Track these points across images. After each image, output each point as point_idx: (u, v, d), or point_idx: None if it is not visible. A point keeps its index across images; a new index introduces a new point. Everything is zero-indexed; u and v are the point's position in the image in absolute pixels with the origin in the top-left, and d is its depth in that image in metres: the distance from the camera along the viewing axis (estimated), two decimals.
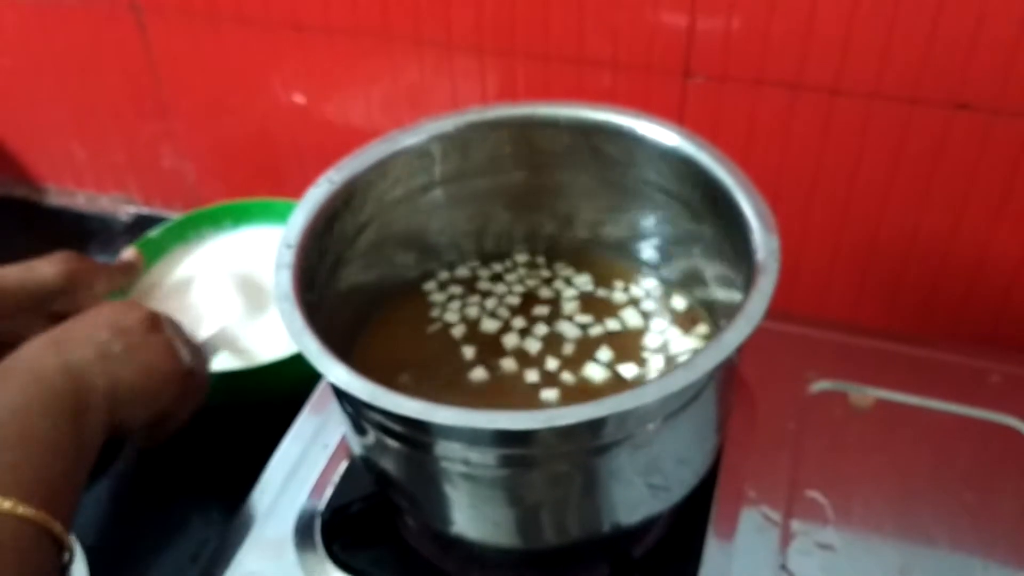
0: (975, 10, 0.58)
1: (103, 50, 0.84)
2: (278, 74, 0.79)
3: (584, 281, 0.63)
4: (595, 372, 0.56)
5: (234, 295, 0.73)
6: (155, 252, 0.77)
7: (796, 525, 0.55)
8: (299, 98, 0.80)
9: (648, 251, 0.62)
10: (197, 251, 0.80)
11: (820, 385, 0.62)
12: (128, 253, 0.74)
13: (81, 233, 0.95)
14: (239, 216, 0.81)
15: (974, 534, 0.55)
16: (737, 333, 0.42)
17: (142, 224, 0.92)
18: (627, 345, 0.58)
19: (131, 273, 0.74)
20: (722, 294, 0.54)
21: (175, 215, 0.93)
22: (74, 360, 0.51)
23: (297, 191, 0.54)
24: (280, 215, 0.80)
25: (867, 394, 0.62)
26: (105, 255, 0.81)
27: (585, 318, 0.60)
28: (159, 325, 0.58)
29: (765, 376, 0.63)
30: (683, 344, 0.57)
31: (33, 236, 1.00)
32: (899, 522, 0.55)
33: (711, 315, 0.58)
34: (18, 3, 0.83)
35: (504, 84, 0.72)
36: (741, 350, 0.43)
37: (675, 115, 0.69)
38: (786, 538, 0.55)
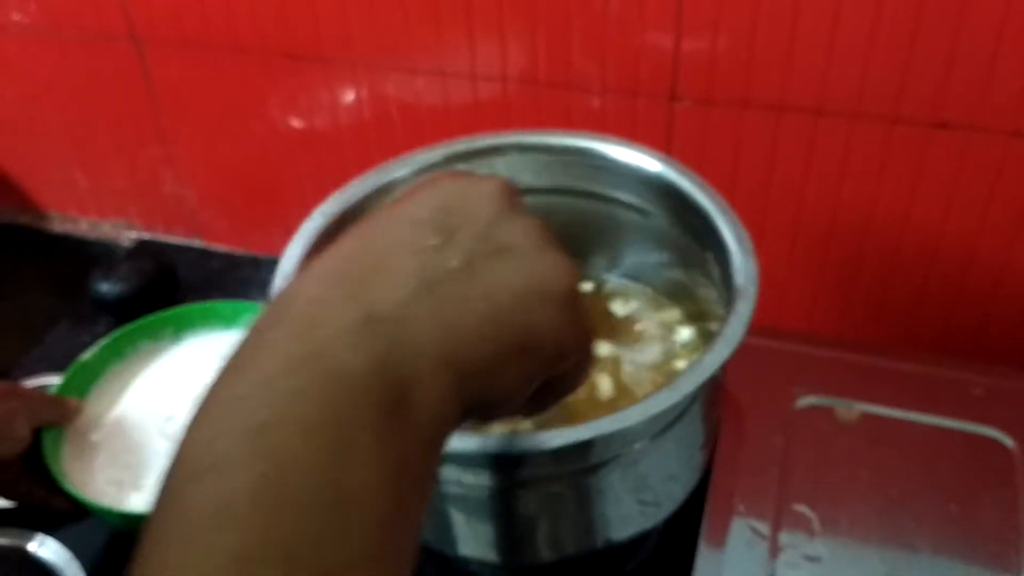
0: (952, 31, 0.60)
1: (104, 80, 0.86)
2: (275, 101, 0.81)
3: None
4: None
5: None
6: (91, 376, 0.69)
7: (784, 538, 0.57)
8: (296, 122, 0.82)
9: (645, 277, 0.63)
10: (135, 374, 0.72)
11: (807, 400, 0.64)
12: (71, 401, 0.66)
13: (84, 258, 0.96)
14: (179, 324, 0.74)
15: (957, 543, 0.56)
16: (717, 355, 0.43)
17: (144, 249, 0.94)
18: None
19: (64, 411, 0.65)
20: (713, 319, 0.56)
21: (176, 240, 0.96)
22: (381, 310, 0.29)
23: (295, 214, 0.55)
24: (223, 318, 0.74)
25: (853, 408, 0.63)
26: (107, 281, 0.82)
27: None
28: (519, 205, 0.35)
29: (753, 392, 0.65)
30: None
31: (37, 262, 1.02)
32: (885, 533, 0.57)
33: (704, 340, 0.59)
34: (21, 35, 0.85)
35: (496, 110, 0.74)
36: (725, 369, 0.45)
37: (663, 138, 0.71)
38: (774, 551, 0.56)
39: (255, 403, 0.26)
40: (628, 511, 0.50)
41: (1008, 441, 0.60)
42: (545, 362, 0.32)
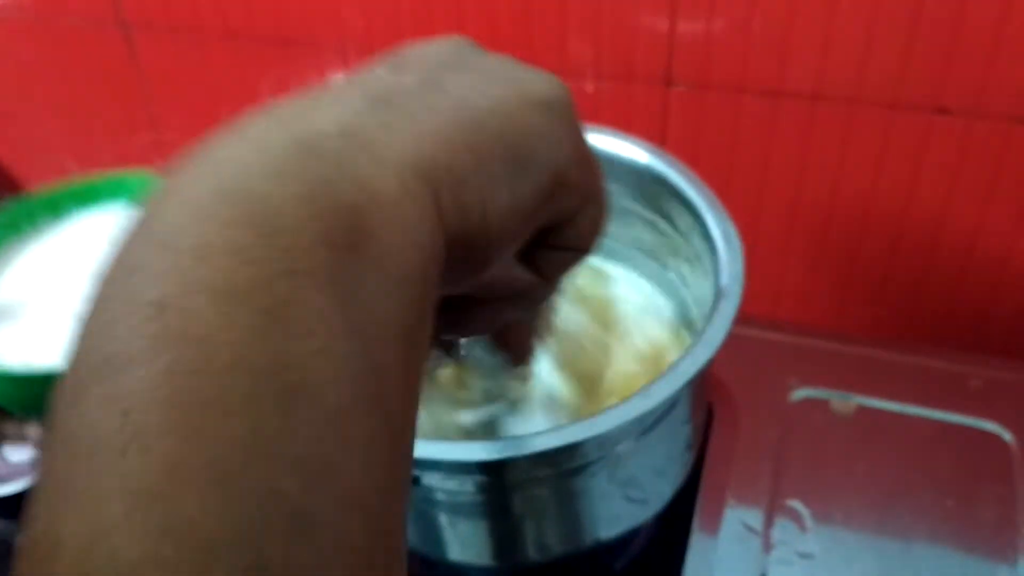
0: (953, 15, 0.58)
1: (93, 65, 0.84)
2: (266, 86, 0.80)
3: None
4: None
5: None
6: None
7: (777, 534, 0.56)
8: None
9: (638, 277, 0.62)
10: (32, 252, 0.65)
11: (802, 392, 0.63)
12: None
13: None
14: (82, 199, 0.67)
15: (954, 539, 0.55)
16: (697, 358, 0.42)
17: None
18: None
19: None
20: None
21: None
22: (318, 129, 0.23)
23: None
24: (107, 194, 0.68)
25: (849, 401, 0.62)
26: None
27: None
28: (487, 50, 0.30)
29: (747, 383, 0.63)
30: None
31: None
32: (879, 529, 0.56)
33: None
34: (8, 21, 0.84)
35: None
36: (714, 362, 0.43)
37: (658, 124, 0.69)
38: (767, 547, 0.55)
39: (151, 273, 0.19)
40: (616, 510, 0.49)
41: (1006, 435, 0.59)
42: (542, 185, 0.26)
